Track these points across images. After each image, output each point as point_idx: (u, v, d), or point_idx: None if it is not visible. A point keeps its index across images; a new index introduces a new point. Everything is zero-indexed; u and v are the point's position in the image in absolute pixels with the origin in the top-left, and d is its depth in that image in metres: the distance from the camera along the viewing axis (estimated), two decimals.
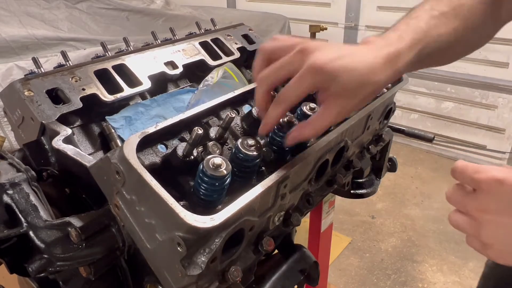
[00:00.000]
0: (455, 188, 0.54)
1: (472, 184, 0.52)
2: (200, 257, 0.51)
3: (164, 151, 0.60)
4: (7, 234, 0.62)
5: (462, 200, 0.53)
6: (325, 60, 0.52)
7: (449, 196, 0.55)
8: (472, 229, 0.52)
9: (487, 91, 3.22)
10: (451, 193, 0.55)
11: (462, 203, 0.53)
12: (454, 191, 0.54)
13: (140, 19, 2.85)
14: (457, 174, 0.53)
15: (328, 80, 0.53)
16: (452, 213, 0.55)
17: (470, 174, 0.51)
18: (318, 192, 0.86)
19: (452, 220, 0.55)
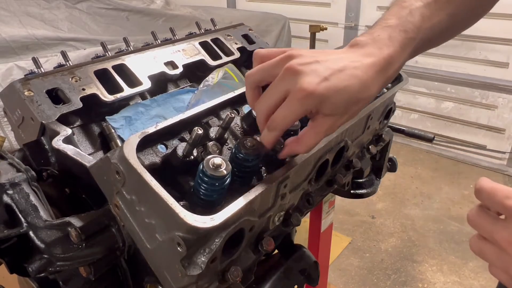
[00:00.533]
0: (479, 211, 0.48)
1: (502, 210, 0.46)
2: (200, 257, 0.51)
3: (164, 151, 0.60)
4: (7, 234, 0.62)
5: (489, 226, 0.47)
6: (313, 83, 0.50)
7: (472, 219, 0.49)
8: (500, 261, 0.46)
9: (487, 91, 3.23)
10: (474, 216, 0.48)
11: (488, 230, 0.47)
12: (478, 214, 0.48)
13: (140, 19, 2.86)
14: (483, 195, 0.47)
15: (318, 104, 0.51)
16: (474, 238, 0.49)
17: (500, 199, 0.45)
18: (318, 192, 0.86)
19: (475, 247, 0.49)
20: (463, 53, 3.25)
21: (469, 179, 3.15)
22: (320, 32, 3.34)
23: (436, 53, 3.37)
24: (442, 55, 3.35)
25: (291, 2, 4.07)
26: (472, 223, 0.49)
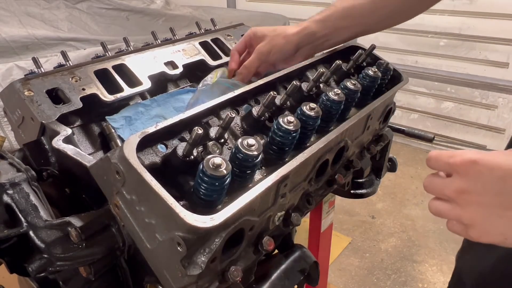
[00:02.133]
0: (431, 177, 0.56)
1: (448, 169, 0.53)
2: (200, 257, 0.51)
3: (164, 151, 0.60)
4: (7, 234, 0.62)
5: (440, 186, 0.54)
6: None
7: (426, 185, 0.56)
8: (453, 213, 0.53)
9: (487, 91, 3.22)
10: (428, 182, 0.56)
11: (440, 189, 0.54)
12: (430, 180, 0.56)
13: (140, 19, 2.85)
14: (432, 162, 0.55)
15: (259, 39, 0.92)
16: (431, 201, 0.56)
17: (445, 159, 0.53)
18: (318, 192, 0.86)
19: (432, 207, 0.56)
20: (463, 53, 3.25)
21: None
22: None
23: (436, 53, 3.37)
24: (442, 55, 3.35)
25: (291, 2, 4.07)
26: (427, 189, 0.56)
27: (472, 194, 0.50)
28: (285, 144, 0.64)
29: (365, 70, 0.87)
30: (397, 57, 3.51)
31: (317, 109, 0.69)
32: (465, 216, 0.52)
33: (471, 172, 0.50)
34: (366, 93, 0.88)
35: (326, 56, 1.01)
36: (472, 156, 0.50)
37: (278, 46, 0.91)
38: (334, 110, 0.75)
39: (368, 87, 0.87)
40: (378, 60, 0.97)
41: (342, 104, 0.75)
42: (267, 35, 0.93)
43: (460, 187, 0.51)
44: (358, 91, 0.80)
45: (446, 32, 3.25)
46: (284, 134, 0.63)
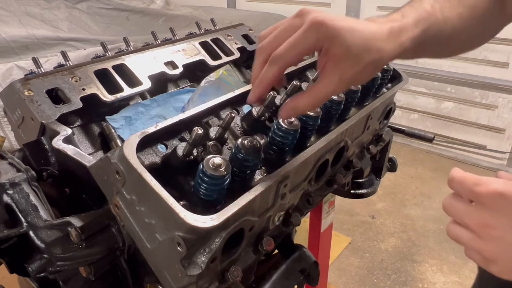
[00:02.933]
0: (452, 198, 0.51)
1: (471, 196, 0.49)
2: (200, 257, 0.51)
3: (164, 151, 0.60)
4: (7, 234, 0.62)
5: (462, 212, 0.50)
6: (328, 17, 0.50)
7: (446, 206, 0.52)
8: (474, 244, 0.50)
9: (487, 91, 3.22)
10: (448, 204, 0.52)
11: (461, 215, 0.50)
12: (451, 202, 0.51)
13: (140, 19, 2.85)
14: (454, 184, 0.50)
15: (330, 38, 0.50)
16: (450, 225, 0.52)
17: (469, 186, 0.48)
18: (318, 192, 0.86)
19: (451, 232, 0.52)
20: None
21: None
22: None
23: None
24: None
25: (291, 2, 4.07)
26: (446, 210, 0.52)
27: (496, 229, 0.47)
28: (285, 144, 0.64)
29: None
30: None
31: (317, 109, 0.69)
32: (487, 250, 0.49)
33: (497, 205, 0.46)
34: (366, 93, 0.88)
35: None
36: (499, 188, 0.46)
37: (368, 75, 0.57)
38: (334, 110, 0.75)
39: (368, 87, 0.87)
40: None
41: (342, 104, 0.75)
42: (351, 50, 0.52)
43: (484, 220, 0.48)
44: (358, 91, 0.81)
45: None
46: (284, 134, 0.63)
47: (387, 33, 0.53)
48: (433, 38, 0.61)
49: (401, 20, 0.56)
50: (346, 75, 0.52)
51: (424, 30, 0.58)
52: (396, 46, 0.54)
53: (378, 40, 0.52)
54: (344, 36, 0.50)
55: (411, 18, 0.57)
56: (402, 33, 0.55)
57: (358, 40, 0.50)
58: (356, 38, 0.50)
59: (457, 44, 0.70)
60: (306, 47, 0.51)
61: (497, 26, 0.76)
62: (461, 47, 0.72)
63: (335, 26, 0.49)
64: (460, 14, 0.64)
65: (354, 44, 0.50)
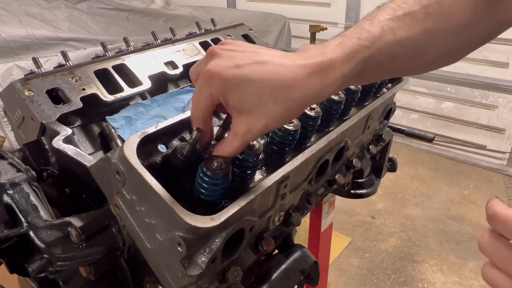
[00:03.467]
0: (492, 238, 0.43)
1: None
2: (200, 257, 0.51)
3: (164, 151, 0.60)
4: (7, 234, 0.62)
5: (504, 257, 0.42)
6: (221, 67, 0.46)
7: (483, 246, 0.43)
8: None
9: (487, 91, 3.23)
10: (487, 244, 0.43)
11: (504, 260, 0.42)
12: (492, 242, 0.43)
13: (140, 19, 2.86)
14: (498, 224, 0.42)
15: (224, 90, 0.46)
16: (487, 268, 0.44)
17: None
18: (318, 192, 0.86)
19: (489, 277, 0.44)
20: None
21: (469, 179, 3.15)
22: (320, 32, 3.33)
23: None
24: None
25: (291, 2, 4.07)
26: (484, 251, 0.43)
27: None
28: (285, 144, 0.64)
29: None
30: None
31: (317, 109, 0.69)
32: None
33: None
34: (366, 93, 0.88)
35: None
36: None
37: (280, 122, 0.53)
38: (334, 110, 0.75)
39: (368, 87, 0.87)
40: None
41: (342, 104, 0.75)
42: None
43: None
44: (358, 91, 0.81)
45: None
46: (284, 134, 0.63)
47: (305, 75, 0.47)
48: (381, 65, 0.53)
49: (332, 53, 0.49)
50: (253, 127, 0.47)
51: (362, 61, 0.50)
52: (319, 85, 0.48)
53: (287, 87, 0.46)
54: (238, 89, 0.46)
55: (346, 48, 0.50)
56: (328, 71, 0.48)
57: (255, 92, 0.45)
58: (253, 91, 0.45)
59: (426, 62, 0.59)
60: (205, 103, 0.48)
61: (488, 34, 0.64)
62: (433, 64, 0.61)
63: (228, 77, 0.45)
64: (427, 29, 0.54)
65: (251, 96, 0.46)
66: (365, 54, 0.50)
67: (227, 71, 0.46)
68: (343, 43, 0.50)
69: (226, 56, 0.47)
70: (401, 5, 0.54)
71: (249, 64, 0.46)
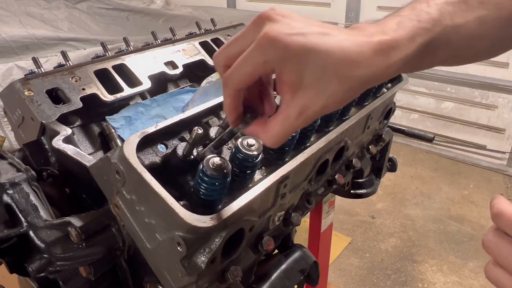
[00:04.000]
0: (495, 236, 0.42)
1: None
2: (200, 257, 0.51)
3: (164, 151, 0.60)
4: (7, 234, 0.62)
5: (507, 254, 0.41)
6: (283, 32, 0.39)
7: (488, 245, 0.42)
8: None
9: (487, 91, 3.22)
10: (491, 242, 0.42)
11: (508, 259, 0.41)
12: (496, 241, 0.42)
13: (140, 19, 2.86)
14: (502, 221, 0.40)
15: (283, 59, 0.39)
16: (490, 266, 0.43)
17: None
18: (318, 192, 0.86)
19: (492, 276, 0.43)
20: None
21: (469, 179, 3.15)
22: None
23: None
24: None
25: (291, 2, 4.07)
26: (488, 250, 0.42)
27: None
28: (285, 144, 0.64)
29: None
30: None
31: None
32: None
33: None
34: (366, 93, 0.88)
35: None
36: None
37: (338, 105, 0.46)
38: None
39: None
40: None
41: None
42: None
43: None
44: None
45: None
46: None
47: (372, 52, 0.42)
48: (438, 51, 0.50)
49: (395, 32, 0.44)
50: (307, 109, 0.41)
51: (425, 44, 0.47)
52: (382, 67, 0.43)
53: (354, 63, 0.41)
54: (300, 59, 0.39)
55: (408, 29, 0.45)
56: (393, 50, 0.43)
57: (321, 65, 0.39)
58: (318, 63, 0.39)
59: (477, 52, 0.57)
60: (254, 71, 0.41)
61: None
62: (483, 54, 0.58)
63: (290, 45, 0.39)
64: (480, 18, 0.51)
65: (314, 70, 0.39)
66: (427, 37, 0.46)
67: (290, 37, 0.39)
68: (403, 24, 0.45)
69: (284, 22, 0.41)
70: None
71: (314, 34, 0.40)
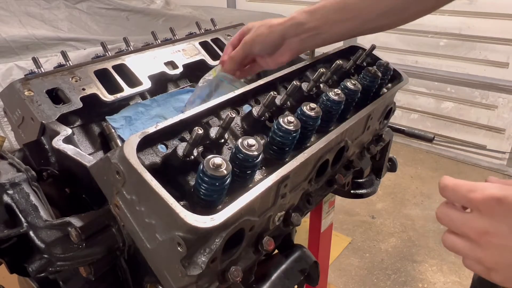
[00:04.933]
0: (446, 207, 0.48)
1: (467, 204, 0.47)
2: (200, 257, 0.51)
3: (164, 151, 0.60)
4: (7, 234, 0.62)
5: (458, 222, 0.47)
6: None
7: (440, 216, 0.49)
8: (473, 254, 0.47)
9: (487, 91, 3.23)
10: (443, 214, 0.49)
11: (458, 225, 0.47)
12: (446, 211, 0.48)
13: (140, 19, 2.85)
14: (448, 193, 0.47)
15: None
16: (446, 235, 0.49)
17: (464, 193, 0.46)
18: (318, 192, 0.86)
19: (448, 243, 0.49)
20: (463, 53, 3.25)
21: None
22: None
23: (436, 53, 3.37)
24: (442, 55, 3.35)
25: (291, 2, 4.07)
26: (441, 220, 0.49)
27: (496, 236, 0.44)
28: (285, 144, 0.64)
29: (365, 70, 0.87)
30: (397, 57, 3.51)
31: (317, 109, 0.69)
32: (487, 259, 0.46)
33: (495, 212, 0.44)
34: (366, 93, 0.88)
35: (326, 56, 1.01)
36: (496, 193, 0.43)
37: (261, 36, 0.86)
38: (334, 110, 0.75)
39: (368, 87, 0.87)
40: (378, 60, 0.97)
41: (342, 104, 0.75)
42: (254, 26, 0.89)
43: (482, 227, 0.45)
44: (358, 91, 0.80)
45: (446, 32, 3.26)
46: (284, 134, 0.63)
47: None
48: None
49: None
50: None
51: None
52: None
53: None
54: None
55: None
56: None
57: None
58: None
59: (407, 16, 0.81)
60: None
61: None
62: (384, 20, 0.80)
63: None
64: None
65: None
66: None
67: None
68: None
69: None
70: None
71: None
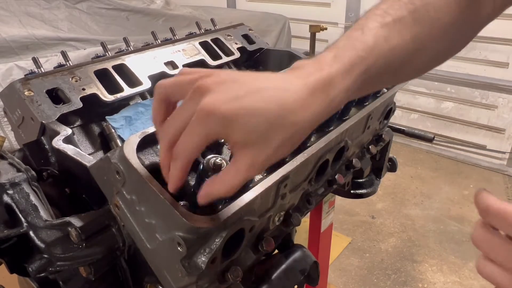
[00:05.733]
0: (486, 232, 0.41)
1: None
2: (200, 257, 0.51)
3: None
4: (7, 234, 0.62)
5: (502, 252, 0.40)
6: (218, 101, 0.41)
7: (478, 239, 0.42)
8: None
9: (487, 91, 3.23)
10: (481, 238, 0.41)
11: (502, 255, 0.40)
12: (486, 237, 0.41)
13: (140, 19, 2.85)
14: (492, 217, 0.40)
15: (225, 127, 0.41)
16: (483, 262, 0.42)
17: None
18: (318, 192, 0.86)
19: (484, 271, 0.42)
20: (463, 53, 3.22)
21: (469, 179, 3.15)
22: (320, 32, 3.34)
23: None
24: None
25: (291, 2, 4.07)
26: (479, 246, 0.42)
27: None
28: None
29: None
30: None
31: None
32: None
33: None
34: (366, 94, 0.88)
35: None
36: None
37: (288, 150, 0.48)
38: None
39: None
40: None
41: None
42: None
43: None
44: None
45: None
46: None
47: (309, 94, 0.44)
48: (376, 76, 0.51)
49: (331, 67, 0.46)
50: (257, 160, 0.43)
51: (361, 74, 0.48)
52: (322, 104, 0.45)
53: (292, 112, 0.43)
54: (240, 122, 0.41)
55: (344, 61, 0.47)
56: (330, 87, 0.45)
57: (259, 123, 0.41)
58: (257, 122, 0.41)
59: (417, 68, 0.59)
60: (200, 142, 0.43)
61: (471, 32, 0.63)
62: (418, 71, 0.61)
63: (227, 113, 0.40)
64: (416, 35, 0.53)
65: (256, 128, 0.41)
66: (364, 65, 0.48)
67: (225, 106, 0.41)
68: (339, 56, 0.47)
69: (219, 90, 0.42)
70: (388, 11, 0.52)
71: (247, 94, 0.42)
